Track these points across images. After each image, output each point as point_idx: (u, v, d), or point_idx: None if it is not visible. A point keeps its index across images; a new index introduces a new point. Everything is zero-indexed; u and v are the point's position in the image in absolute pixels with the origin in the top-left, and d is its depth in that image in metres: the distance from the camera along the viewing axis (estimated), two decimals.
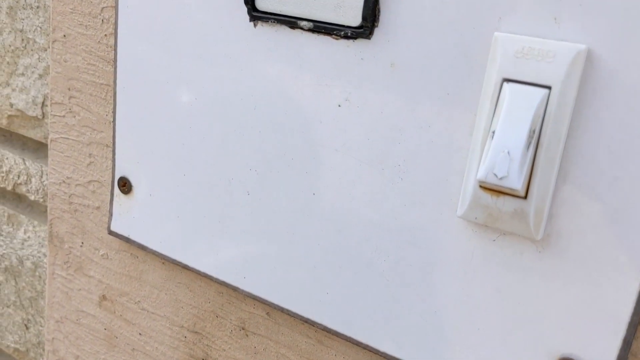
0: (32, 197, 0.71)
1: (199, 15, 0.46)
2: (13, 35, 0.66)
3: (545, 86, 0.33)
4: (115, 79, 0.52)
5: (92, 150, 0.56)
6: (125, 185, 0.53)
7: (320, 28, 0.40)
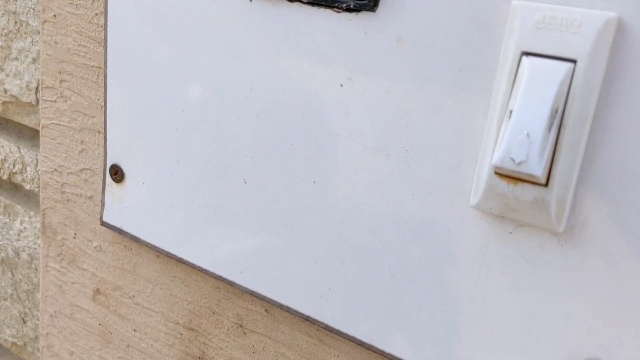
0: (28, 187, 0.68)
1: None
2: (6, 18, 0.64)
3: (570, 60, 0.29)
4: (105, 61, 0.49)
5: (84, 137, 0.53)
6: (117, 173, 0.50)
7: (321, 0, 0.37)
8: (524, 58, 0.30)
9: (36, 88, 0.63)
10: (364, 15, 0.36)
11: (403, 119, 0.36)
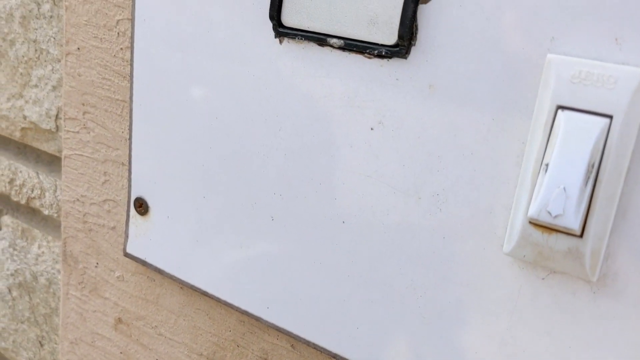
0: (46, 212, 0.69)
1: (220, 31, 0.43)
2: (26, 46, 0.64)
3: (606, 115, 0.30)
4: (131, 95, 0.49)
5: (107, 168, 0.54)
6: (141, 206, 0.50)
7: (352, 46, 0.37)
8: (560, 112, 0.31)
9: (56, 115, 0.63)
10: (396, 62, 0.36)
11: (434, 164, 0.36)
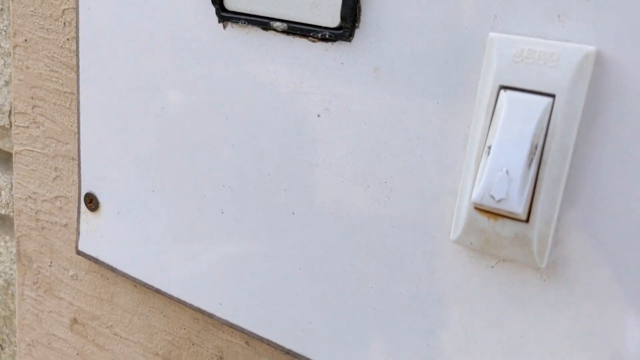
0: (3, 211, 0.67)
1: (164, 17, 0.41)
2: None
3: (549, 94, 0.29)
4: (78, 87, 0.47)
5: (58, 164, 0.52)
6: (92, 202, 0.49)
7: (296, 29, 0.36)
8: (502, 92, 0.30)
9: (9, 111, 0.62)
10: (340, 45, 0.35)
11: (382, 151, 0.35)
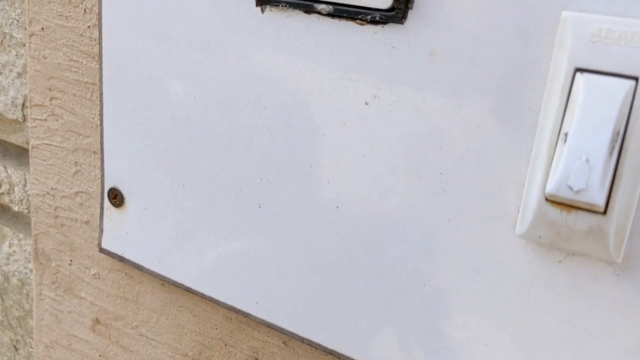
0: (16, 208, 0.65)
1: (195, 1, 0.39)
2: None
3: (631, 77, 0.27)
4: (101, 77, 0.45)
5: (78, 158, 0.50)
6: (116, 197, 0.46)
7: (342, 12, 0.34)
8: (579, 75, 0.27)
9: (22, 104, 0.59)
10: (391, 28, 0.33)
11: (437, 140, 0.33)
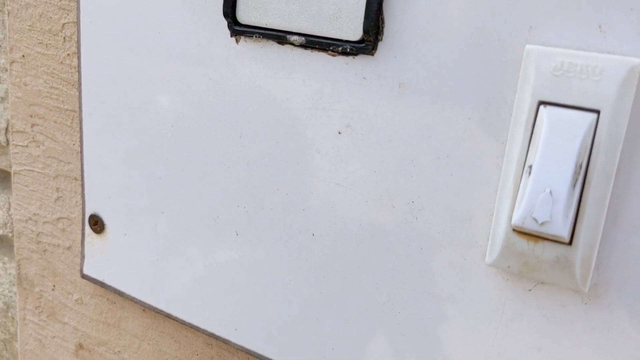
0: (1, 232, 0.65)
1: (172, 31, 0.39)
2: None
3: (593, 110, 0.27)
4: (80, 105, 0.45)
5: (60, 184, 0.50)
6: (97, 224, 0.47)
7: (314, 43, 0.34)
8: (542, 108, 0.28)
9: (5, 128, 0.59)
10: (362, 59, 0.33)
11: (408, 169, 0.33)
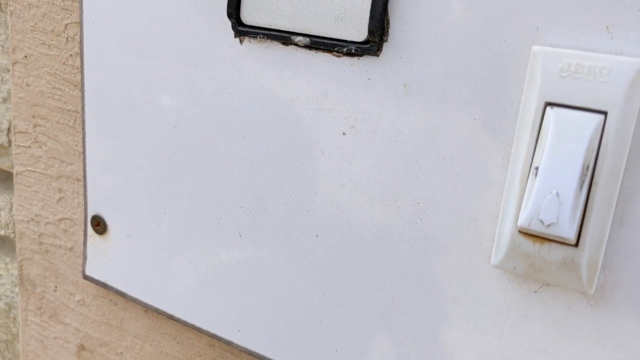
0: (2, 232, 0.64)
1: (176, 31, 0.39)
2: None
3: (600, 111, 0.27)
4: (83, 105, 0.45)
5: (62, 185, 0.50)
6: (99, 224, 0.47)
7: (319, 44, 0.34)
8: (549, 109, 0.28)
9: (7, 129, 0.59)
10: (367, 60, 0.33)
11: (413, 170, 0.33)
